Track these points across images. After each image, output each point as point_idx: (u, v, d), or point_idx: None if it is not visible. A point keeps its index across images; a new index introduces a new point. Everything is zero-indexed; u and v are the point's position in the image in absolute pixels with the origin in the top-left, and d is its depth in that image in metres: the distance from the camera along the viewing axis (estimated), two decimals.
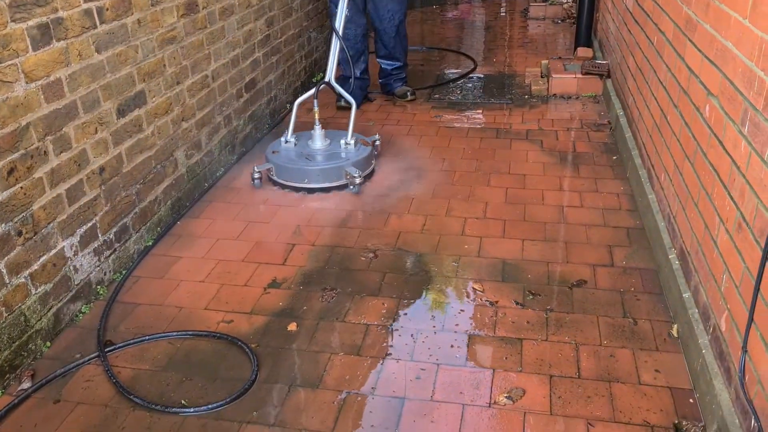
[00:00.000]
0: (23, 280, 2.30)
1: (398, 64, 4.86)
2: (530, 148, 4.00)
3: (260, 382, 2.22)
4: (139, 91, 2.92)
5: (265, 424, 2.05)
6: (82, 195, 2.59)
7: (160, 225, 3.17)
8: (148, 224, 3.06)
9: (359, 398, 2.14)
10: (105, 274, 2.76)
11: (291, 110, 3.79)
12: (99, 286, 2.72)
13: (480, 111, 4.67)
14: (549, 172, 3.67)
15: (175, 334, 2.46)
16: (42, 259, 2.38)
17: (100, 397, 2.18)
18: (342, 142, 3.67)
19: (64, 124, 2.46)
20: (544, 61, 5.23)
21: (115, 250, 2.81)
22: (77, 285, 2.58)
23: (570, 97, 4.82)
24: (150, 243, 3.07)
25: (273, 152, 3.64)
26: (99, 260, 2.71)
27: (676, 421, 2.02)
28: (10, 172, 2.21)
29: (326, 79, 3.82)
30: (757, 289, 1.68)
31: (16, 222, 2.25)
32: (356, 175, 3.44)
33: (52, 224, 2.42)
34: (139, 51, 2.90)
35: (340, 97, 4.55)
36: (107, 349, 2.36)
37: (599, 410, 2.07)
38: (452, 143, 4.11)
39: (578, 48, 5.31)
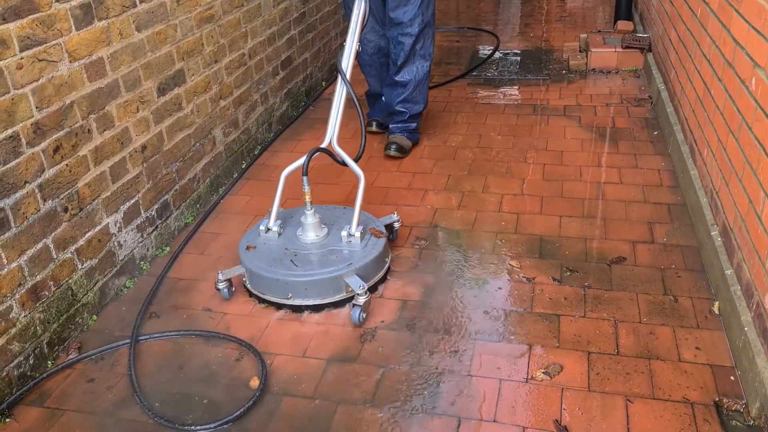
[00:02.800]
0: (70, 255, 2.37)
1: (404, 93, 3.60)
2: (568, 124, 3.94)
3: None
4: (178, 69, 2.95)
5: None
6: (125, 173, 2.64)
7: (200, 202, 3.22)
8: (187, 201, 3.11)
9: (396, 373, 2.17)
10: (147, 250, 2.82)
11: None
12: (142, 262, 2.78)
13: (516, 87, 4.61)
14: (587, 149, 3.62)
15: (205, 332, 2.47)
16: (87, 235, 2.45)
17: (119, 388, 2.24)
18: (343, 234, 2.58)
19: (107, 103, 2.51)
20: (583, 35, 5.13)
21: (156, 226, 2.87)
22: (121, 260, 2.65)
23: (609, 72, 4.73)
24: (190, 219, 3.13)
25: (247, 248, 2.60)
26: (142, 236, 2.77)
27: (717, 399, 1.99)
28: (56, 149, 2.27)
29: (324, 144, 2.72)
30: None
31: (62, 199, 2.31)
32: (359, 290, 2.36)
33: (96, 201, 2.49)
34: (178, 30, 2.93)
35: (371, 122, 3.90)
36: (140, 337, 2.38)
37: (638, 387, 2.06)
38: (488, 120, 4.07)
39: (618, 21, 5.19)
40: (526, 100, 4.37)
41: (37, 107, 2.17)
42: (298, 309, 2.46)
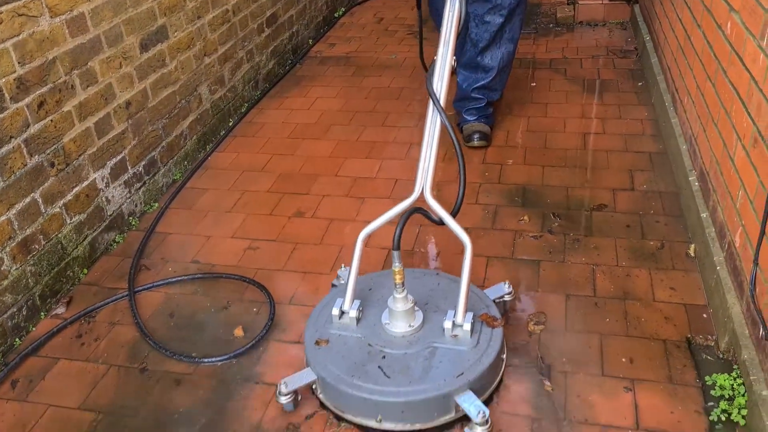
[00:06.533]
0: (58, 210, 2.40)
1: (484, 80, 3.15)
2: (553, 76, 3.95)
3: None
4: (160, 25, 2.95)
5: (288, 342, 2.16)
6: (111, 129, 2.67)
7: (187, 159, 3.25)
8: (175, 158, 3.14)
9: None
10: (136, 206, 2.86)
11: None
12: (131, 218, 2.82)
13: None
14: (572, 100, 3.64)
15: (200, 275, 2.54)
16: (75, 190, 2.48)
17: (125, 335, 2.30)
18: (447, 325, 1.91)
19: (90, 59, 2.52)
20: None
21: (144, 182, 2.91)
22: (110, 216, 2.69)
23: (597, 24, 4.72)
24: (178, 176, 3.16)
25: (317, 342, 1.96)
26: (129, 192, 2.81)
27: (689, 335, 2.07)
28: (40, 105, 2.29)
29: (414, 196, 1.96)
30: None
31: (48, 154, 2.34)
32: (478, 420, 1.71)
33: (83, 156, 2.51)
34: None
35: (469, 137, 3.16)
36: (137, 288, 2.44)
37: (613, 326, 2.12)
38: None
39: None
40: None
41: (19, 62, 2.18)
42: None
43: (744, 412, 1.76)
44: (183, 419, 1.92)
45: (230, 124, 3.65)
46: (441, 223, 1.97)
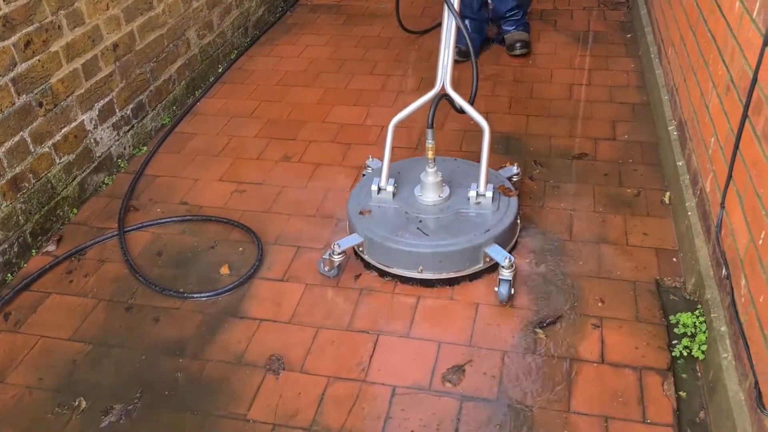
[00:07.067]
0: (47, 149, 2.44)
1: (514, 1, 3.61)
2: (543, 27, 3.95)
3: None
4: None
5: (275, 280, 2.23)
6: (98, 71, 2.68)
7: (176, 104, 3.27)
8: (163, 102, 3.16)
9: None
10: (125, 149, 2.89)
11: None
12: (120, 160, 2.86)
13: None
14: (560, 51, 3.66)
15: (189, 217, 2.59)
16: (64, 131, 2.52)
17: (113, 271, 2.36)
18: (472, 194, 2.27)
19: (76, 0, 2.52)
20: None
21: (132, 126, 2.94)
22: (99, 157, 2.73)
23: None
24: (167, 121, 3.19)
25: (361, 212, 2.28)
26: (118, 134, 2.84)
27: (658, 278, 2.14)
28: (27, 44, 2.30)
29: (437, 89, 2.29)
30: (736, 146, 1.75)
31: (36, 93, 2.36)
32: (505, 264, 2.05)
33: (71, 97, 2.54)
34: None
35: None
36: (127, 228, 2.49)
37: (586, 267, 2.20)
38: None
39: None
40: None
41: (4, 0, 2.19)
42: (428, 283, 2.17)
43: (704, 347, 1.85)
44: (170, 350, 2.00)
45: (219, 70, 3.66)
46: (461, 111, 2.30)
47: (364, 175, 2.57)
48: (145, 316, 2.13)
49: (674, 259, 2.21)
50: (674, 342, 1.91)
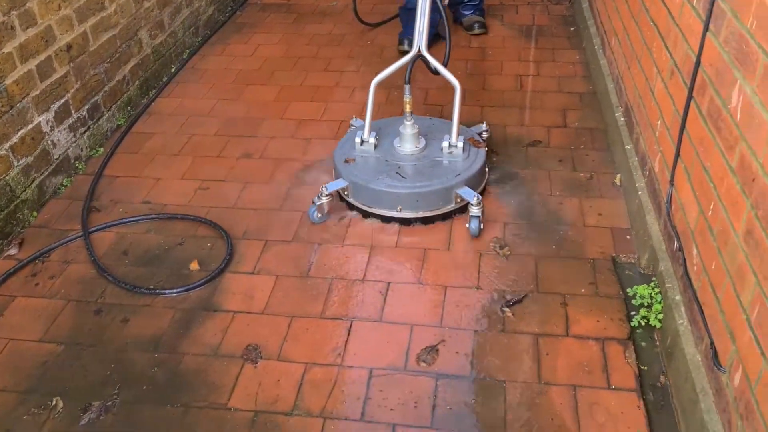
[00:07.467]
0: (4, 152, 2.40)
1: None
2: (491, 22, 4.06)
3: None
4: None
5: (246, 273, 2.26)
6: (53, 72, 2.65)
7: (131, 104, 3.25)
8: (118, 103, 3.13)
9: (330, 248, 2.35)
10: (82, 150, 2.86)
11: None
12: (77, 162, 2.83)
13: None
14: (508, 45, 3.78)
15: (154, 216, 2.59)
16: (20, 133, 2.48)
17: (79, 272, 2.34)
18: (444, 144, 2.53)
19: (28, 0, 2.49)
20: None
21: (89, 127, 2.91)
22: (56, 159, 2.69)
23: None
24: (122, 121, 3.16)
25: (346, 160, 2.55)
26: (75, 136, 2.81)
27: (614, 255, 2.26)
28: None
29: (413, 51, 2.55)
30: (683, 126, 1.87)
31: None
32: (474, 202, 2.34)
33: (26, 99, 2.50)
34: None
35: (402, 40, 3.70)
36: (91, 229, 2.47)
37: (545, 248, 2.30)
38: None
39: None
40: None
41: None
42: (406, 221, 2.43)
43: (660, 316, 1.97)
44: (144, 346, 2.01)
45: (173, 70, 3.64)
46: (436, 72, 2.58)
47: (351, 125, 2.86)
48: (115, 314, 2.13)
49: (628, 237, 2.34)
50: (632, 313, 2.03)
